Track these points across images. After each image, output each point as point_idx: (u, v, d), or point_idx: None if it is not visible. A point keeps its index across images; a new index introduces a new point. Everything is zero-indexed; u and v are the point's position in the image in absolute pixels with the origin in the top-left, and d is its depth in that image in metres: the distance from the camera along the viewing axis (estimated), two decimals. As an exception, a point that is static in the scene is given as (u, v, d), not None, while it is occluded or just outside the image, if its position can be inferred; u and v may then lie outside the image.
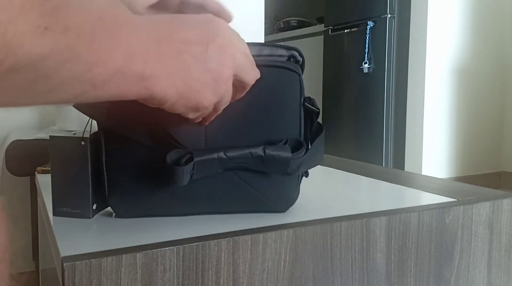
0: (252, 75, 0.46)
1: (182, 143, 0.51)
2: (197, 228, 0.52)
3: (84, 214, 0.56)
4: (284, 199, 0.58)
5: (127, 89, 0.35)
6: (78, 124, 1.33)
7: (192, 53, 0.39)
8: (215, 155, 0.51)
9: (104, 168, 0.54)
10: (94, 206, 0.56)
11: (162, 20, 0.39)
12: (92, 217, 0.56)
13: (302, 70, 0.59)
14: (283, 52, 0.57)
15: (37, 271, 1.40)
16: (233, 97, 0.47)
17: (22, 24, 0.25)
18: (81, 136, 0.54)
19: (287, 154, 0.52)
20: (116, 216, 0.56)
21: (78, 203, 0.56)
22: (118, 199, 0.55)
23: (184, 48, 0.39)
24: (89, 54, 0.30)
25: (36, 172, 0.87)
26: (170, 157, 0.50)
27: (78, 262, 0.41)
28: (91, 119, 0.55)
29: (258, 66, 0.51)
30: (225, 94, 0.43)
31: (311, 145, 0.57)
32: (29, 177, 1.53)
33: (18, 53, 0.26)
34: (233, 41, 0.43)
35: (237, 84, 0.45)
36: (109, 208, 0.58)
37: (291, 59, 0.58)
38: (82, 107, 0.52)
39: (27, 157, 1.21)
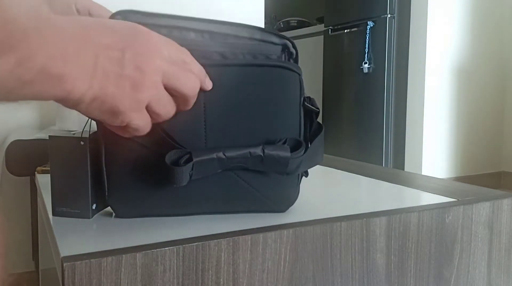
0: (189, 85, 0.46)
1: (181, 144, 0.51)
2: (197, 228, 0.52)
3: (83, 214, 0.56)
4: (284, 199, 0.58)
5: (48, 89, 0.36)
6: (78, 124, 1.33)
7: (108, 57, 0.40)
8: (214, 155, 0.50)
9: (104, 168, 0.54)
10: (94, 206, 0.56)
11: (84, 22, 0.40)
12: (92, 217, 0.56)
13: (297, 63, 0.58)
14: (276, 39, 0.56)
15: (37, 271, 1.40)
16: (177, 108, 0.47)
17: None
18: (80, 136, 0.54)
19: (286, 153, 0.52)
20: (116, 216, 0.56)
21: (77, 203, 0.56)
22: (118, 199, 0.55)
23: (102, 52, 0.39)
24: (22, 48, 0.32)
25: (36, 172, 0.87)
26: (169, 157, 0.50)
27: (78, 262, 0.41)
28: (90, 119, 0.54)
29: (258, 65, 0.52)
30: (152, 103, 0.44)
31: (310, 145, 0.57)
32: (29, 177, 1.53)
33: None
34: (157, 50, 0.43)
35: (176, 94, 0.45)
36: (109, 208, 0.58)
37: (285, 50, 0.57)
38: None
39: (27, 157, 1.21)
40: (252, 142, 0.53)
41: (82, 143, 0.54)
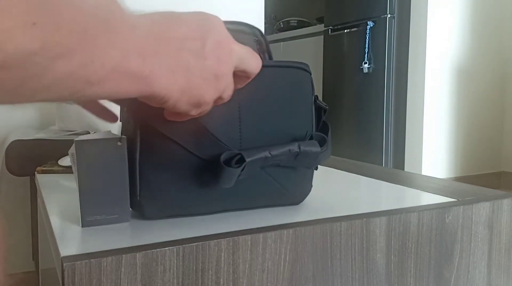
0: (254, 64, 0.46)
1: (222, 141, 0.52)
2: (197, 228, 0.52)
3: (122, 218, 0.53)
4: (302, 191, 0.62)
5: (127, 87, 0.35)
6: (78, 124, 1.33)
7: (190, 49, 0.39)
8: (262, 155, 0.52)
9: (138, 169, 0.52)
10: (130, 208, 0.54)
11: (158, 17, 0.39)
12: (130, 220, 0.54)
13: (269, 55, 0.60)
14: (245, 28, 0.58)
15: (37, 271, 1.40)
16: (234, 88, 0.47)
17: (7, 19, 0.25)
18: (120, 136, 0.52)
19: (317, 148, 0.56)
20: (144, 218, 0.55)
21: (115, 208, 0.52)
22: (150, 200, 0.53)
23: (183, 45, 0.39)
24: (83, 51, 0.30)
25: (36, 172, 0.87)
26: (223, 158, 0.51)
27: (78, 262, 0.41)
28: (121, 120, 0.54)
29: (277, 67, 0.54)
30: (225, 89, 0.44)
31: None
32: (29, 177, 1.53)
33: (7, 49, 0.26)
34: (229, 35, 0.43)
35: (241, 74, 0.45)
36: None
37: (255, 38, 0.58)
38: (123, 103, 0.51)
39: (27, 157, 1.21)
40: (280, 139, 0.55)
41: (119, 143, 0.51)
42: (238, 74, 0.45)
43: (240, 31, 0.57)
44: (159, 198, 0.53)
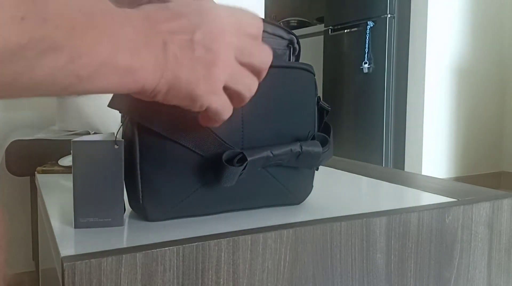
0: (261, 58, 0.44)
1: (224, 140, 0.52)
2: (197, 228, 0.52)
3: (115, 222, 0.52)
4: (303, 191, 0.62)
5: (116, 83, 0.36)
6: (78, 124, 1.33)
7: (177, 43, 0.39)
8: (264, 154, 0.52)
9: (138, 172, 0.51)
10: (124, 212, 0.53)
11: (148, 11, 0.39)
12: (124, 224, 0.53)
13: (299, 60, 0.61)
14: (283, 33, 0.58)
15: (37, 271, 1.40)
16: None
17: None
18: (114, 139, 0.51)
19: (318, 149, 0.56)
20: (148, 220, 0.54)
21: (109, 211, 0.51)
22: (153, 203, 0.52)
23: (170, 38, 0.39)
24: (71, 45, 0.31)
25: (36, 172, 0.87)
26: (225, 157, 0.51)
27: (78, 262, 0.41)
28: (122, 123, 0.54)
29: (281, 67, 0.54)
30: (227, 80, 0.42)
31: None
32: (29, 177, 1.53)
33: None
34: (226, 27, 0.42)
35: (250, 69, 0.44)
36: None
37: (289, 46, 0.59)
38: (119, 106, 0.51)
39: (27, 157, 1.21)
40: (282, 139, 0.55)
41: (116, 146, 0.50)
42: (248, 69, 0.44)
43: (277, 35, 0.57)
44: (162, 200, 0.52)
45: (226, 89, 0.43)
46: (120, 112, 0.53)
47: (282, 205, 0.61)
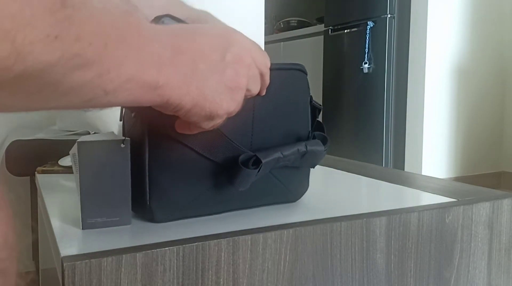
0: (258, 87, 0.47)
1: (236, 143, 0.53)
2: (197, 228, 0.52)
3: (123, 221, 0.52)
4: (300, 189, 0.63)
5: (141, 96, 0.36)
6: (78, 124, 1.33)
7: (207, 62, 0.40)
8: (275, 156, 0.53)
9: (147, 172, 0.51)
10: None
11: (178, 29, 0.39)
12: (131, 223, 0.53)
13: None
14: (298, 72, 0.61)
15: (37, 271, 1.40)
16: None
17: (31, 32, 0.26)
18: (123, 138, 0.51)
19: (321, 147, 0.58)
20: (154, 221, 0.54)
21: (117, 211, 0.51)
22: (161, 204, 0.52)
23: (199, 57, 0.39)
24: (100, 62, 0.30)
25: (36, 172, 0.87)
26: (241, 159, 0.52)
27: (78, 262, 0.41)
28: (122, 121, 0.55)
29: (279, 70, 0.56)
30: (240, 102, 0.44)
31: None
32: (29, 177, 1.53)
33: (26, 60, 0.26)
34: (251, 51, 0.43)
35: (246, 93, 0.46)
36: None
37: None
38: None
39: (27, 157, 1.21)
40: (287, 140, 0.57)
41: (123, 145, 0.50)
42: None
43: (294, 71, 0.59)
44: (169, 202, 0.52)
45: None
46: (131, 113, 0.53)
47: (280, 203, 0.62)
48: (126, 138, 0.51)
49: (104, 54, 0.31)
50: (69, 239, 0.48)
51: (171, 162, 0.51)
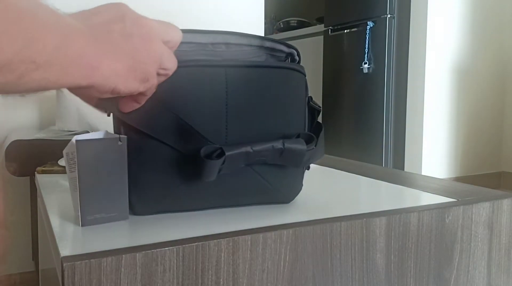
0: (174, 32, 0.47)
1: (206, 136, 0.53)
2: (197, 228, 0.52)
3: (121, 216, 0.54)
4: (290, 190, 0.62)
5: (74, 72, 0.36)
6: (78, 124, 1.33)
7: (116, 30, 0.41)
8: (243, 150, 0.53)
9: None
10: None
11: (74, 14, 0.40)
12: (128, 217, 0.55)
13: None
14: (284, 48, 0.61)
15: (37, 271, 1.40)
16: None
17: None
18: (119, 136, 0.53)
19: (302, 146, 0.56)
20: (133, 214, 0.56)
21: (115, 206, 0.53)
22: (139, 197, 0.55)
23: (109, 28, 0.40)
24: (23, 33, 0.32)
25: (36, 172, 0.87)
26: (203, 152, 0.52)
27: (78, 262, 0.41)
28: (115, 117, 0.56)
29: (273, 67, 0.56)
30: (163, 58, 0.45)
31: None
32: (29, 177, 1.53)
33: None
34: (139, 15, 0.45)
35: (160, 72, 0.46)
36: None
37: (289, 57, 0.62)
38: (107, 106, 0.53)
39: (27, 157, 1.21)
40: (268, 137, 0.56)
41: (120, 143, 0.52)
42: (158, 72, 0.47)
43: (279, 50, 0.60)
44: (147, 195, 0.55)
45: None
46: (106, 113, 0.55)
47: (270, 204, 0.61)
48: (123, 135, 0.53)
49: (24, 26, 0.32)
50: (69, 239, 0.48)
51: (145, 157, 0.54)
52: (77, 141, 0.50)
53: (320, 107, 0.63)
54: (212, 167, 0.52)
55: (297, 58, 0.62)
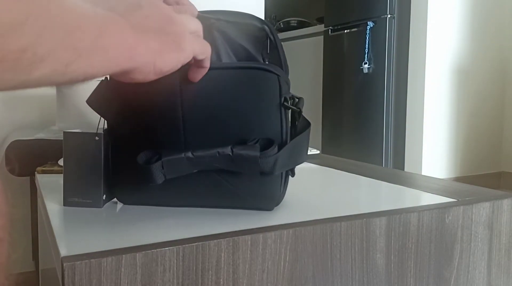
0: (203, 48, 0.48)
1: (160, 148, 0.56)
2: (197, 228, 0.52)
3: (95, 204, 0.60)
4: (267, 198, 0.58)
5: (116, 57, 0.37)
6: (78, 124, 1.33)
7: (137, 16, 0.41)
8: (182, 155, 0.54)
9: (110, 162, 0.61)
10: (104, 196, 0.61)
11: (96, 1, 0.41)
12: (103, 206, 0.61)
13: (278, 47, 0.60)
14: (257, 23, 0.59)
15: (37, 271, 1.40)
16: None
17: None
18: (96, 132, 0.60)
19: (255, 152, 0.53)
20: (119, 201, 0.63)
21: (89, 193, 0.60)
22: (120, 189, 0.61)
23: (127, 16, 0.41)
24: (64, 23, 0.32)
25: (36, 172, 0.87)
26: (141, 157, 0.55)
27: (78, 262, 0.41)
28: (101, 117, 0.61)
29: (235, 68, 0.55)
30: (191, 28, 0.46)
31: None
32: (29, 177, 1.53)
33: None
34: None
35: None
36: (109, 212, 0.58)
37: (268, 38, 0.60)
38: (95, 106, 0.59)
39: (27, 157, 1.21)
40: (229, 143, 0.54)
41: (97, 138, 0.59)
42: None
43: (249, 24, 0.59)
44: (125, 189, 0.61)
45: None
46: (95, 110, 0.60)
47: (250, 209, 0.59)
48: (100, 132, 0.59)
49: (66, 16, 0.33)
50: (69, 239, 0.48)
51: (124, 153, 0.59)
52: (64, 132, 0.60)
53: (299, 108, 0.58)
54: (150, 171, 0.54)
55: (271, 37, 0.59)
